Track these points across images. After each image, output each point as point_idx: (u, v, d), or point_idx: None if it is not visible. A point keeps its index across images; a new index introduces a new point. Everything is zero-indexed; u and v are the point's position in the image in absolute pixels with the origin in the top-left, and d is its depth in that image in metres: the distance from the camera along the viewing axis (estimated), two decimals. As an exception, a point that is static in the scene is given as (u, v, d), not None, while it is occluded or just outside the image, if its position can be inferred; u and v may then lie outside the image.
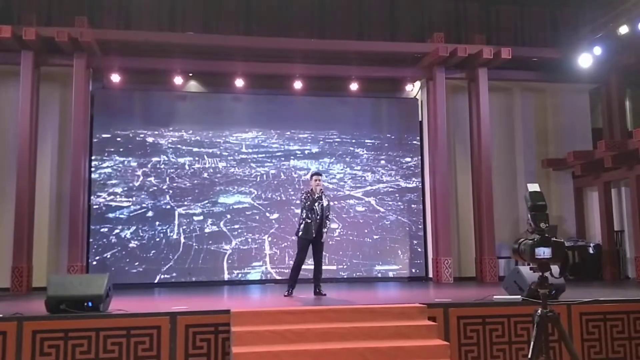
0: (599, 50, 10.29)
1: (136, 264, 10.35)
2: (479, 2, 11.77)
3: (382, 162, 11.42)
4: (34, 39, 9.36)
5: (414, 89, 11.75)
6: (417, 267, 11.19)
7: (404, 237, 11.26)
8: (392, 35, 11.43)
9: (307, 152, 11.23)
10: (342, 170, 11.28)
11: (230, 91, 11.03)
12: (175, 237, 10.54)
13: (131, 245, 10.41)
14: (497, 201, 10.94)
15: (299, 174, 11.07)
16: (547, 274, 4.20)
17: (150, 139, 10.76)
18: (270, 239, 10.78)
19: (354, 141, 11.39)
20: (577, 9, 11.75)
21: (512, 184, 11.56)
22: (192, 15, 10.92)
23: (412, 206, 11.36)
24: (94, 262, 10.19)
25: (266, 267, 10.70)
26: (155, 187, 10.65)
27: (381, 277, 10.99)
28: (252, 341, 5.57)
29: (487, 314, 6.24)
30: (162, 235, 10.52)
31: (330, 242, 10.73)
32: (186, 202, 10.68)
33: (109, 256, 10.29)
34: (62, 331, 5.63)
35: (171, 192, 10.68)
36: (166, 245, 10.49)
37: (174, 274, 10.40)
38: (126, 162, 10.62)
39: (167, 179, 10.71)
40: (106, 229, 10.37)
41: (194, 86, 11.19)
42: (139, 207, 10.53)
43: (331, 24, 11.28)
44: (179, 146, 10.84)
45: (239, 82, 10.72)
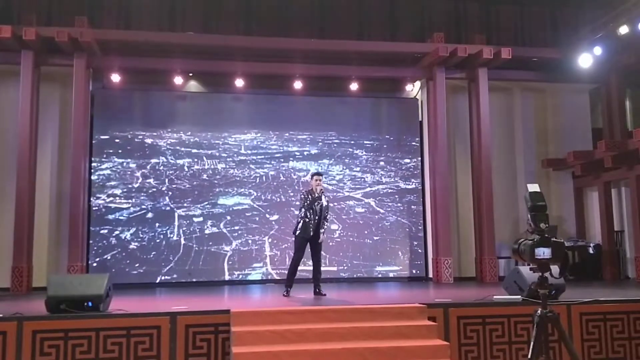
0: (599, 50, 10.29)
1: (136, 265, 10.33)
2: (479, 2, 11.77)
3: (382, 163, 11.40)
4: (34, 38, 9.36)
5: (414, 89, 11.75)
6: (418, 268, 11.18)
7: (404, 238, 11.25)
8: (392, 35, 11.42)
9: (306, 153, 11.21)
10: (341, 171, 11.27)
11: (230, 91, 11.03)
12: (175, 238, 10.53)
13: (131, 246, 10.39)
14: (497, 201, 10.94)
15: (298, 175, 11.06)
16: (547, 274, 4.20)
17: (149, 140, 10.74)
18: (270, 240, 10.77)
19: (353, 142, 11.37)
20: (577, 9, 11.75)
21: (512, 184, 11.56)
22: (192, 15, 10.92)
23: (412, 207, 11.35)
24: (94, 264, 10.17)
25: (267, 269, 10.69)
26: (154, 189, 10.64)
27: (381, 277, 10.98)
28: (252, 341, 5.57)
29: (487, 314, 6.25)
30: (162, 236, 10.51)
31: (330, 244, 10.74)
32: (186, 204, 10.67)
33: (109, 257, 10.27)
34: (62, 331, 5.63)
35: (171, 193, 10.67)
36: (166, 246, 10.48)
37: (175, 276, 10.39)
38: (125, 163, 10.60)
39: (167, 180, 10.69)
40: (106, 231, 10.36)
41: (194, 86, 11.19)
42: (138, 208, 10.52)
43: (331, 24, 11.28)
44: (178, 147, 10.82)
45: (239, 82, 10.72)
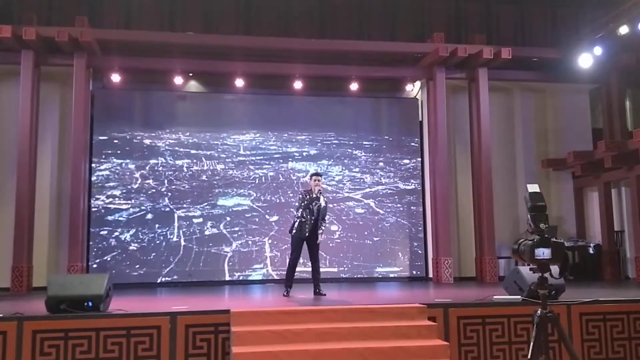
0: (599, 50, 10.28)
1: (137, 266, 10.31)
2: (479, 2, 11.77)
3: (381, 164, 11.38)
4: (34, 38, 9.36)
5: (414, 89, 11.75)
6: (418, 269, 11.16)
7: (404, 239, 11.23)
8: (392, 35, 11.42)
9: (305, 154, 11.19)
10: (340, 172, 11.25)
11: (229, 91, 11.02)
12: (175, 239, 10.50)
13: (131, 248, 10.36)
14: (497, 201, 10.93)
15: (297, 176, 11.03)
16: (547, 275, 4.20)
17: (147, 141, 10.71)
18: (270, 241, 10.74)
19: (352, 143, 11.35)
20: (577, 9, 11.75)
21: (512, 184, 11.55)
22: (192, 15, 10.91)
23: (412, 208, 11.34)
24: (94, 265, 10.15)
25: (267, 270, 10.66)
26: (153, 190, 10.61)
27: (381, 277, 10.97)
28: (252, 341, 5.57)
29: (487, 314, 6.25)
30: (162, 237, 10.48)
31: (330, 245, 10.74)
32: (185, 205, 10.64)
33: (109, 259, 10.25)
34: (62, 331, 5.63)
35: (170, 194, 10.64)
36: (166, 247, 10.45)
37: (175, 277, 10.36)
38: (124, 164, 10.57)
39: (166, 181, 10.66)
40: (105, 232, 10.33)
41: (194, 86, 11.18)
42: (138, 209, 10.49)
43: (331, 24, 11.27)
44: (177, 148, 10.79)
45: (239, 82, 10.71)
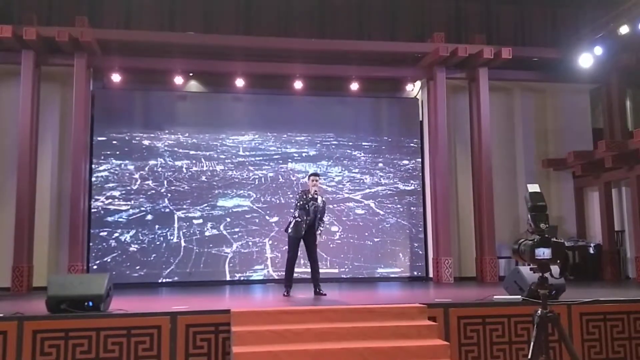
0: (599, 50, 10.28)
1: (137, 267, 10.29)
2: (480, 2, 11.77)
3: (380, 164, 11.36)
4: (34, 38, 9.36)
5: (414, 89, 11.75)
6: (419, 269, 11.15)
7: (405, 240, 11.22)
8: (392, 35, 11.42)
9: (304, 154, 11.18)
10: (340, 172, 11.23)
11: (229, 91, 11.01)
12: (175, 240, 10.48)
13: (131, 249, 10.35)
14: (498, 201, 10.93)
15: (297, 177, 11.01)
16: (547, 275, 4.20)
17: (146, 142, 10.69)
18: (271, 242, 10.72)
19: (351, 144, 11.33)
20: (578, 9, 11.75)
21: (513, 184, 11.55)
22: (192, 15, 10.92)
23: (412, 209, 11.32)
24: (94, 266, 10.12)
25: (268, 271, 10.64)
26: (153, 190, 10.59)
27: (381, 277, 10.96)
28: (252, 341, 5.57)
29: (487, 314, 6.25)
30: (162, 238, 10.47)
31: (331, 245, 10.74)
32: (185, 206, 10.63)
33: (109, 260, 10.23)
34: (62, 331, 5.63)
35: (170, 195, 10.62)
36: (167, 248, 10.44)
37: (176, 278, 10.34)
38: (123, 165, 10.56)
39: (165, 182, 10.65)
40: (105, 233, 10.31)
41: (194, 86, 11.18)
42: (137, 210, 10.47)
43: (331, 24, 11.28)
44: (176, 149, 10.77)
45: (239, 82, 10.70)
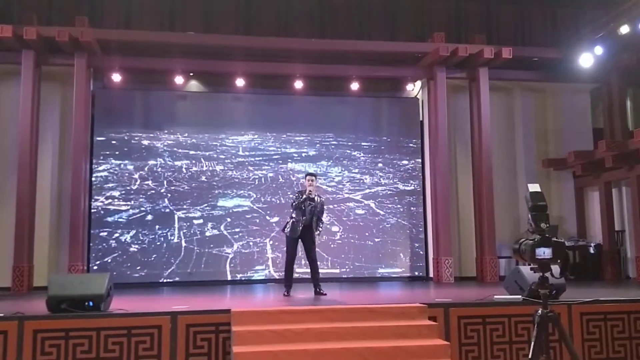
0: (599, 50, 10.28)
1: (138, 268, 10.28)
2: (480, 1, 11.76)
3: (380, 164, 11.35)
4: (34, 38, 9.37)
5: (414, 89, 11.74)
6: (419, 269, 11.14)
7: (405, 240, 11.21)
8: (393, 34, 11.41)
9: (304, 154, 11.17)
10: (340, 173, 11.22)
11: (230, 91, 11.01)
12: (176, 240, 10.47)
13: (132, 249, 10.33)
14: (498, 201, 10.93)
15: (297, 177, 10.98)
16: (548, 274, 4.20)
17: (145, 142, 10.68)
18: (271, 242, 10.70)
19: (351, 144, 11.32)
20: (578, 9, 11.74)
21: (513, 183, 11.54)
22: (192, 15, 10.91)
23: (412, 209, 11.31)
24: (94, 267, 10.11)
25: (269, 271, 10.63)
26: (153, 191, 10.57)
27: (382, 277, 10.95)
28: (252, 341, 5.58)
29: (488, 313, 6.25)
30: (162, 239, 10.45)
31: (332, 246, 10.76)
32: (185, 206, 10.61)
33: (109, 260, 10.22)
34: (63, 330, 5.64)
35: (169, 195, 10.61)
36: (167, 249, 10.42)
37: (177, 279, 10.33)
38: (122, 165, 10.55)
39: (165, 182, 10.63)
40: (105, 233, 10.30)
41: (194, 86, 11.18)
42: (137, 210, 10.46)
43: (331, 24, 11.27)
44: (175, 149, 10.75)
45: (239, 82, 10.70)
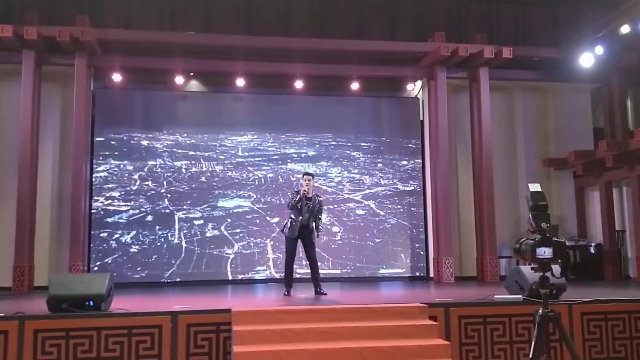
0: (600, 49, 10.27)
1: (138, 269, 10.27)
2: (480, 1, 11.75)
3: (379, 165, 11.34)
4: (35, 38, 9.37)
5: (415, 89, 11.74)
6: (420, 270, 11.14)
7: (406, 241, 11.20)
8: (393, 34, 11.40)
9: (303, 155, 11.16)
10: (339, 173, 11.21)
11: (230, 91, 11.00)
12: (176, 241, 10.46)
13: (132, 250, 10.32)
14: (498, 201, 10.93)
15: (296, 177, 10.94)
16: (548, 274, 4.20)
17: (145, 142, 10.67)
18: (272, 243, 10.69)
19: (350, 144, 11.31)
20: (578, 9, 11.73)
21: (513, 183, 11.53)
22: (192, 14, 10.91)
23: (412, 209, 11.30)
24: (95, 268, 10.09)
25: (270, 272, 10.62)
26: (153, 191, 10.56)
27: (382, 277, 10.94)
28: (253, 340, 5.58)
29: (488, 313, 6.25)
30: (162, 239, 10.44)
31: (332, 246, 10.76)
32: (185, 206, 10.60)
33: (110, 261, 10.21)
34: (63, 330, 5.64)
35: (169, 196, 10.60)
36: (168, 249, 10.41)
37: (178, 279, 10.31)
38: (122, 165, 10.53)
39: (165, 182, 10.62)
40: (106, 234, 10.29)
41: (195, 86, 11.18)
42: (137, 211, 10.44)
43: (332, 24, 11.26)
44: (175, 149, 10.75)
45: (240, 82, 10.69)
